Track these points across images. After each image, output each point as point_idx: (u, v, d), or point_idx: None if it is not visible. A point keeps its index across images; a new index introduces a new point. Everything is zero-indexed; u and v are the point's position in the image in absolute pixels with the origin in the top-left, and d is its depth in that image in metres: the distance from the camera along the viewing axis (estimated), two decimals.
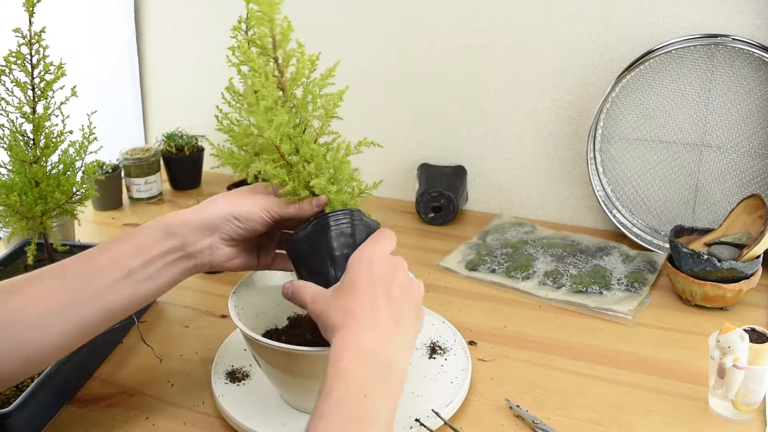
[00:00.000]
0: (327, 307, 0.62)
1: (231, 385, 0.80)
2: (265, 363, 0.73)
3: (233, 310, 0.74)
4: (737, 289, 0.94)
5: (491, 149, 1.29)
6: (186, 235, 0.67)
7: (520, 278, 1.06)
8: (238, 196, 0.70)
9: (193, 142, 1.45)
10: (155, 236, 0.66)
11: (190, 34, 1.48)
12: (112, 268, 0.64)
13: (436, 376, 0.81)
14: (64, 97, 0.90)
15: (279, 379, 0.74)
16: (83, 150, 0.94)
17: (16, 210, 0.90)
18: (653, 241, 1.15)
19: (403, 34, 1.27)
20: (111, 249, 0.66)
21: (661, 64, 1.09)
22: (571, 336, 0.92)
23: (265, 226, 0.70)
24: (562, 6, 1.15)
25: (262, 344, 0.68)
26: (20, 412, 0.69)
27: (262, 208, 0.69)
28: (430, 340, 0.88)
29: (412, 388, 0.79)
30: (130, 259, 0.65)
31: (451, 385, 0.79)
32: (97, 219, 1.33)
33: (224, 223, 0.68)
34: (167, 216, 0.68)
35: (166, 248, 0.66)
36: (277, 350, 0.68)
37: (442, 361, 0.84)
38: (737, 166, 1.10)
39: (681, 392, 0.80)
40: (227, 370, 0.82)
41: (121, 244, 0.66)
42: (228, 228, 0.68)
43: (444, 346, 0.87)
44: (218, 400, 0.77)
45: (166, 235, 0.67)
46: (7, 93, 0.87)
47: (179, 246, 0.67)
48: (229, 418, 0.75)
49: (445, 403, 0.76)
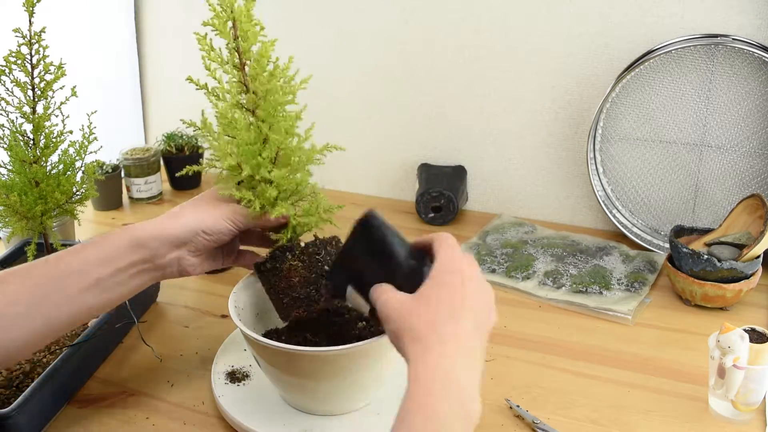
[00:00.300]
0: (409, 314, 0.55)
1: (231, 385, 0.80)
2: (265, 363, 0.73)
3: (233, 310, 0.74)
4: (737, 289, 0.94)
5: (491, 149, 1.29)
6: (155, 249, 0.68)
7: (520, 278, 1.06)
8: (205, 206, 0.72)
9: (193, 142, 1.45)
10: (124, 247, 0.67)
11: (190, 34, 1.47)
12: (80, 276, 0.65)
13: None
14: (64, 97, 0.90)
15: (279, 380, 0.74)
16: (83, 150, 0.94)
17: (16, 210, 0.90)
18: (653, 241, 1.15)
19: (403, 34, 1.27)
20: (79, 256, 0.66)
21: (661, 64, 1.09)
22: (571, 336, 0.92)
23: (231, 235, 0.72)
24: (562, 6, 1.15)
25: (263, 344, 0.68)
26: (20, 412, 0.69)
27: (229, 219, 0.71)
28: None
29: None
30: (98, 269, 0.66)
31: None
32: (97, 219, 1.33)
33: (193, 236, 0.70)
34: (136, 227, 0.69)
35: (134, 260, 0.68)
36: (278, 350, 0.68)
37: None
38: (737, 166, 1.10)
39: (681, 392, 0.81)
40: (227, 371, 0.82)
41: (89, 251, 0.67)
42: (196, 241, 0.70)
43: None
44: (218, 401, 0.77)
45: (136, 246, 0.68)
46: (7, 93, 0.87)
47: (148, 258, 0.68)
48: (230, 419, 0.75)
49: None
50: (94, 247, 0.67)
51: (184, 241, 0.70)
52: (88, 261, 0.66)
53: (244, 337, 0.72)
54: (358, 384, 0.73)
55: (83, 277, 0.65)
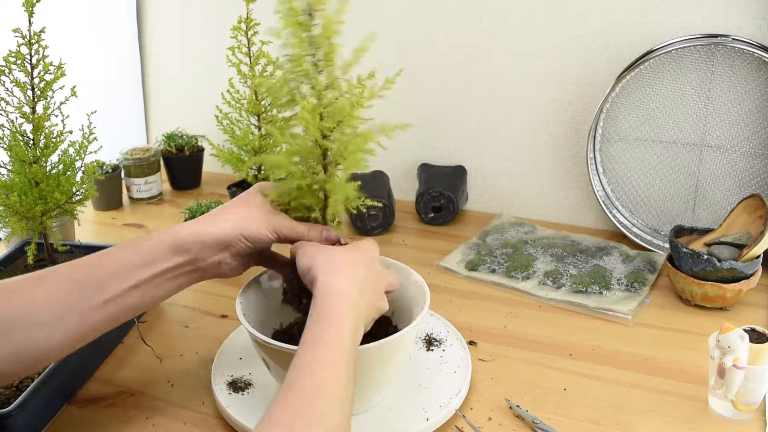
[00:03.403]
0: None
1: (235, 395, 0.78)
2: (276, 366, 0.72)
3: (242, 316, 0.73)
4: (737, 289, 0.94)
5: (491, 149, 1.29)
6: (197, 252, 0.68)
7: (520, 278, 1.06)
8: (247, 212, 0.70)
9: (193, 142, 1.45)
10: (165, 251, 0.67)
11: (191, 34, 1.48)
12: (121, 277, 0.65)
13: (438, 367, 0.83)
14: (63, 97, 0.90)
15: None
16: (83, 150, 0.94)
17: (16, 210, 0.90)
18: (653, 241, 1.15)
19: (403, 34, 1.27)
20: (120, 257, 0.66)
21: (661, 64, 1.09)
22: (571, 336, 0.92)
23: (269, 243, 0.72)
24: (562, 6, 1.15)
25: (273, 347, 0.68)
26: (20, 412, 0.69)
27: (271, 229, 0.70)
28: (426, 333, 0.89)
29: (418, 380, 0.80)
30: (139, 271, 0.65)
31: (455, 374, 0.81)
32: (97, 219, 1.33)
33: (234, 241, 0.69)
34: (179, 229, 0.68)
35: (176, 263, 0.67)
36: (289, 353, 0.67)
37: (441, 352, 0.85)
38: (737, 166, 1.10)
39: (681, 392, 0.80)
40: (228, 381, 0.80)
41: (130, 252, 0.66)
42: (238, 246, 0.70)
43: (439, 338, 0.88)
44: (227, 411, 0.76)
45: (178, 250, 0.67)
46: (7, 93, 0.87)
47: (190, 261, 0.68)
48: (228, 417, 0.75)
49: (454, 392, 0.78)
50: (136, 249, 0.67)
51: (226, 244, 0.69)
52: (129, 262, 0.65)
53: (253, 340, 0.71)
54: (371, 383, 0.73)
55: (123, 279, 0.64)
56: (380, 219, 1.22)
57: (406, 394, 0.78)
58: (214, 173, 1.52)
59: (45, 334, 0.61)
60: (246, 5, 1.09)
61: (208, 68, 1.44)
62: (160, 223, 1.30)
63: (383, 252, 0.74)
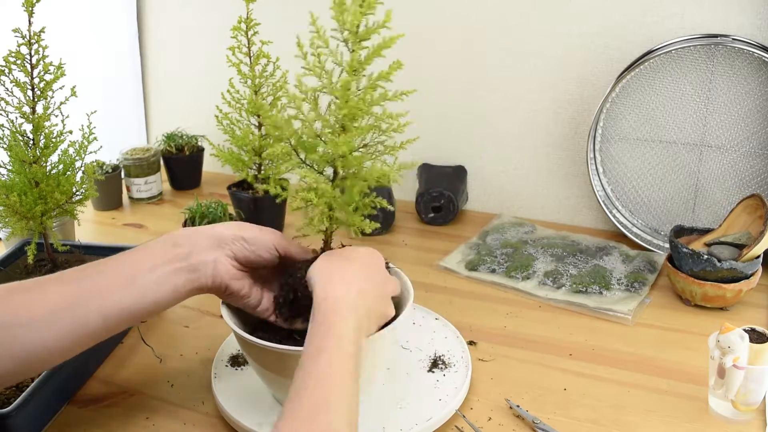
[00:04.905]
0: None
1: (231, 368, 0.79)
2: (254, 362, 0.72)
3: (226, 313, 0.73)
4: (737, 289, 0.94)
5: (491, 149, 1.29)
6: (193, 245, 0.68)
7: (520, 278, 1.06)
8: (249, 225, 0.73)
9: (193, 142, 1.45)
10: (162, 244, 0.68)
11: (191, 35, 1.48)
12: (116, 274, 0.65)
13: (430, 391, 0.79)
14: (63, 97, 0.90)
15: (270, 379, 0.74)
16: (83, 150, 0.94)
17: (16, 210, 0.90)
18: (653, 241, 1.15)
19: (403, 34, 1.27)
20: (119, 259, 0.67)
21: (661, 64, 1.09)
22: (571, 336, 0.92)
23: (270, 255, 0.72)
24: (562, 6, 1.15)
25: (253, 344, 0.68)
26: (20, 412, 0.69)
27: (270, 239, 0.72)
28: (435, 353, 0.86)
29: (419, 380, 0.80)
30: (135, 267, 0.66)
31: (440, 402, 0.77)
32: (97, 219, 1.33)
33: (232, 240, 0.70)
34: (179, 230, 0.71)
35: (171, 255, 0.67)
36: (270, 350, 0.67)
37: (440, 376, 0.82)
38: (737, 166, 1.10)
39: (681, 392, 0.80)
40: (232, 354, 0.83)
41: (130, 252, 0.68)
42: (235, 247, 0.70)
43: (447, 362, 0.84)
44: (225, 410, 0.76)
45: (174, 244, 0.68)
46: (6, 93, 0.87)
47: (184, 255, 0.68)
48: (228, 417, 0.75)
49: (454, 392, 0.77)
50: (136, 249, 0.68)
51: (222, 240, 0.69)
52: (128, 260, 0.67)
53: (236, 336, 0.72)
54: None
55: (119, 275, 0.65)
56: (380, 219, 1.22)
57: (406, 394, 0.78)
58: (214, 173, 1.52)
59: (41, 339, 0.61)
60: (246, 5, 1.09)
61: (208, 68, 1.45)
62: (160, 223, 1.30)
63: (383, 252, 0.74)
